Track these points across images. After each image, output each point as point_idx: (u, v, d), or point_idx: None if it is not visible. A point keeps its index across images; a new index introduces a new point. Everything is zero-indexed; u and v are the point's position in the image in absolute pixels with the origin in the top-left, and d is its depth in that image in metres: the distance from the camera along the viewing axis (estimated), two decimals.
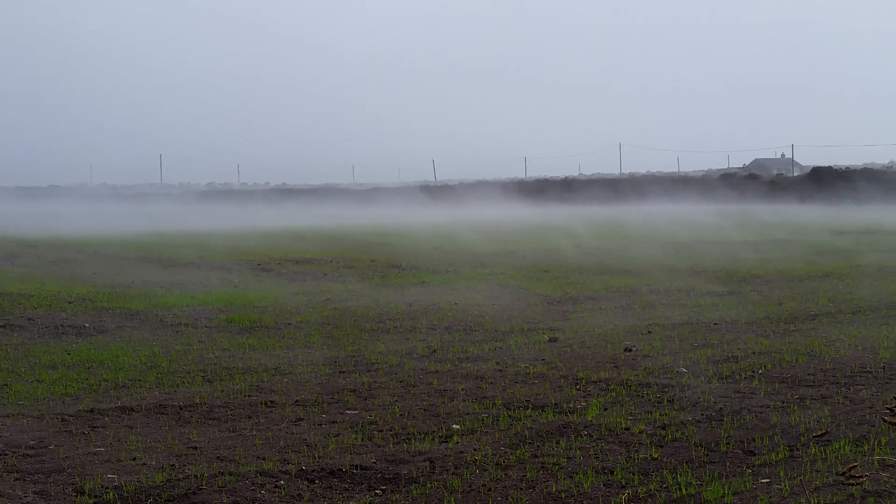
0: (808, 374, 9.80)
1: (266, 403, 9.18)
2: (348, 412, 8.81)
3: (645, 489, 6.40)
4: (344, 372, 10.81)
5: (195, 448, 7.61)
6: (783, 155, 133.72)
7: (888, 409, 4.07)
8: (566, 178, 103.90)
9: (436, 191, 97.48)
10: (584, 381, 9.85)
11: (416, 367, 11.00)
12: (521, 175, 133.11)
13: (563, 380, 9.98)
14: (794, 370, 10.06)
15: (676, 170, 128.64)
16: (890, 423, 3.83)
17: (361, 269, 23.99)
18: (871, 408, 8.02)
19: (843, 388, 9.08)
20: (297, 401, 9.28)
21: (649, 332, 13.30)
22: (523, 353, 11.78)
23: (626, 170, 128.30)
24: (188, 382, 10.40)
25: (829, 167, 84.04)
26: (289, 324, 14.78)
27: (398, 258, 27.15)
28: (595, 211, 67.56)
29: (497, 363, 11.09)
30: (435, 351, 12.15)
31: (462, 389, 9.65)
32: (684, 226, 42.91)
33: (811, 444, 7.10)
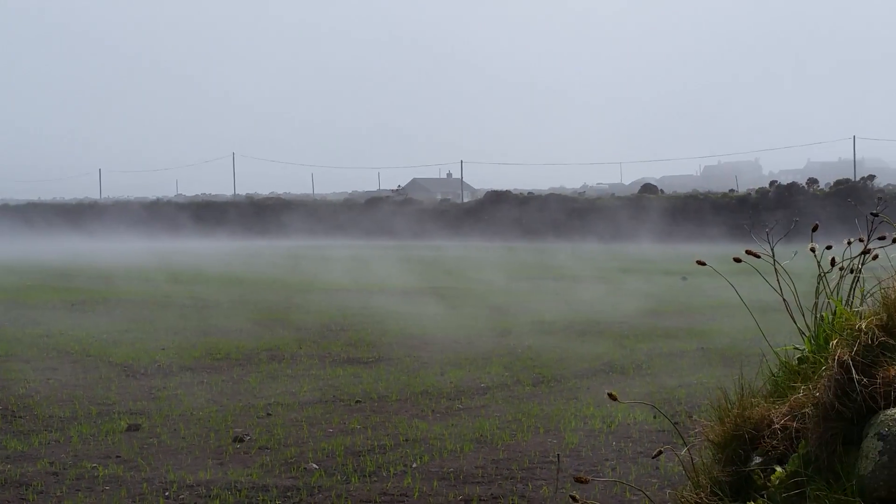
0: (477, 468, 10.31)
1: None
2: None
3: None
4: None
5: None
6: (449, 174, 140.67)
7: None
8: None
9: None
10: (175, 486, 9.77)
11: None
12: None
13: (145, 484, 9.84)
14: (458, 462, 10.55)
15: (311, 191, 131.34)
16: None
17: None
18: None
19: (519, 485, 9.64)
20: None
21: (269, 414, 13.43)
22: (90, 448, 11.49)
23: (242, 189, 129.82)
24: None
25: (508, 191, 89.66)
26: None
27: None
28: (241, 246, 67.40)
29: (51, 463, 10.74)
30: None
31: None
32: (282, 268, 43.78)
33: None
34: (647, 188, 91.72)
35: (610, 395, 4.59)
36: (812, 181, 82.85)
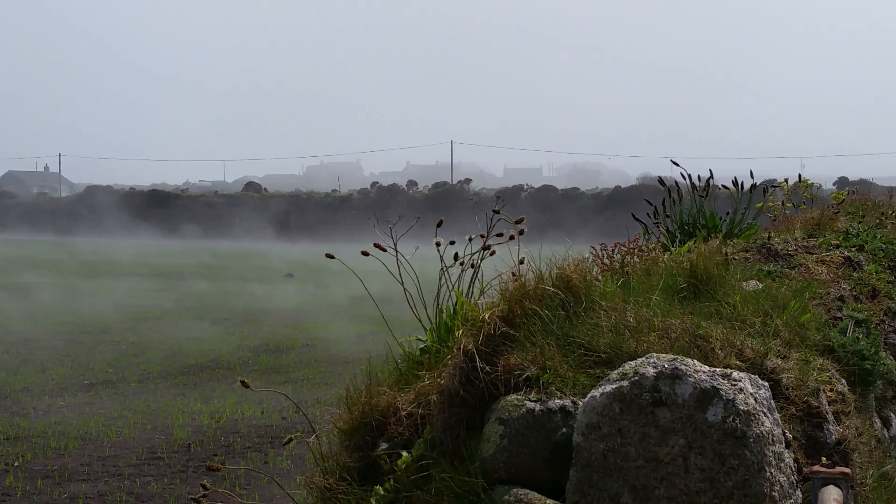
0: (82, 465, 10.10)
1: None
2: None
3: None
4: None
5: None
6: (47, 167, 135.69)
7: (193, 500, 4.40)
8: None
9: None
10: None
11: None
12: None
13: None
14: (62, 460, 10.29)
15: None
16: None
17: None
18: None
19: (127, 482, 9.51)
20: None
21: None
22: None
23: None
24: None
25: (110, 186, 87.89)
26: None
27: None
28: None
29: None
30: None
31: None
32: None
33: None
34: (251, 186, 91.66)
35: (243, 383, 4.60)
36: (412, 183, 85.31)
